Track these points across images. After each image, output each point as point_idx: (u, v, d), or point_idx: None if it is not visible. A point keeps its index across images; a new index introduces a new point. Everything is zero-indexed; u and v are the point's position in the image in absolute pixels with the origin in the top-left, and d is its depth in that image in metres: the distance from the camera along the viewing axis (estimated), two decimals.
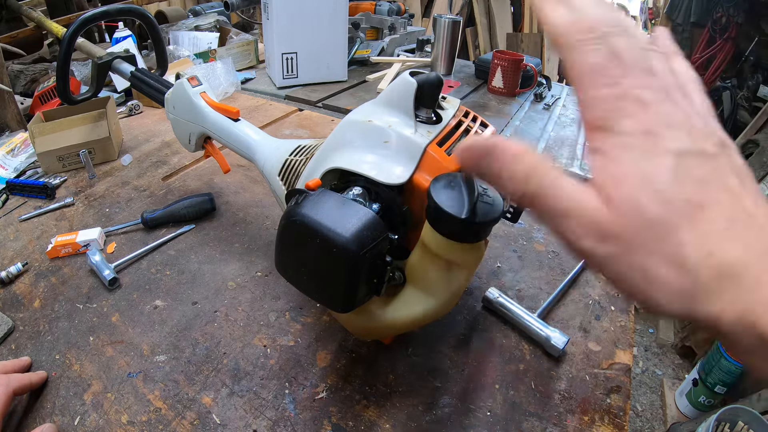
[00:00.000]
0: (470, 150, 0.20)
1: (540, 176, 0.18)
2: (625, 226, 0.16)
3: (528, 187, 0.18)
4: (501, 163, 0.19)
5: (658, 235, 0.16)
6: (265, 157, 0.53)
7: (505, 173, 0.19)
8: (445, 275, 0.36)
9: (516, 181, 0.19)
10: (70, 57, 0.70)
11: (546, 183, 0.18)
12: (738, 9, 2.16)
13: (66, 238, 0.60)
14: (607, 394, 0.44)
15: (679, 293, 0.16)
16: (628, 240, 0.16)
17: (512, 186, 0.19)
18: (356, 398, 0.43)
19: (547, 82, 1.31)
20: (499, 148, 0.19)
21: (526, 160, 0.19)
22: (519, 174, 0.19)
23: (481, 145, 0.20)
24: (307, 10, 1.12)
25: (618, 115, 0.17)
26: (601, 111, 0.18)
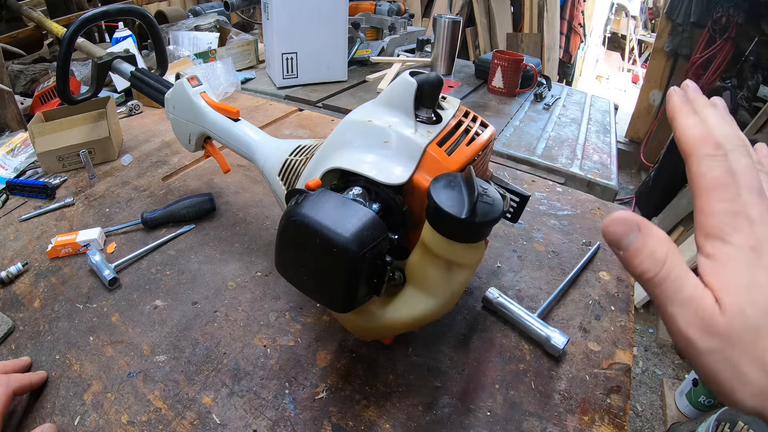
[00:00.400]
0: (623, 222, 0.22)
1: (675, 262, 0.21)
2: (730, 327, 0.19)
3: (663, 270, 0.21)
4: (647, 239, 0.21)
5: (753, 339, 0.19)
6: (265, 157, 0.53)
7: (647, 250, 0.21)
8: (445, 275, 0.36)
9: (655, 261, 0.21)
10: (70, 57, 0.70)
11: (677, 270, 0.21)
12: (738, 9, 2.16)
13: (66, 238, 0.60)
14: (607, 394, 0.44)
15: (759, 393, 0.19)
16: (729, 339, 0.19)
17: (649, 263, 0.21)
18: (356, 398, 0.43)
19: (547, 82, 1.31)
20: (647, 226, 0.22)
21: (668, 244, 0.21)
22: (659, 254, 0.21)
23: (633, 218, 0.22)
24: (307, 10, 1.12)
25: (731, 230, 0.20)
26: (717, 222, 0.21)
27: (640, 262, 0.21)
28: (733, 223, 0.20)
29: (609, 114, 1.25)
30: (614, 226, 0.22)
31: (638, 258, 0.21)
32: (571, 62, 3.56)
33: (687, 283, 0.20)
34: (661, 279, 0.21)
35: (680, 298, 0.20)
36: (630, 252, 0.21)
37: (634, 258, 0.21)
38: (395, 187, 0.36)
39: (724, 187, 0.21)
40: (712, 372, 0.20)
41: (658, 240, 0.21)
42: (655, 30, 4.37)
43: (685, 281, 0.21)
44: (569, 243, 0.65)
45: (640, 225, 0.22)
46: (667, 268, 0.21)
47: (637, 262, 0.21)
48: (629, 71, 4.86)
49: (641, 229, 0.21)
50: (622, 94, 4.39)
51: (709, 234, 0.21)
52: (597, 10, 4.20)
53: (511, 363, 0.47)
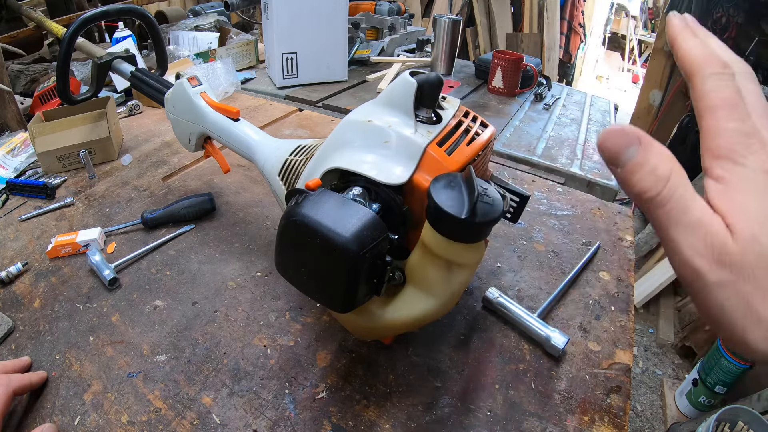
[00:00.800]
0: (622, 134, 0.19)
1: (679, 181, 0.19)
2: (744, 257, 0.17)
3: (666, 188, 0.18)
4: (647, 154, 0.19)
5: None
6: (265, 157, 0.53)
7: (648, 166, 0.19)
8: (445, 275, 0.36)
9: (657, 178, 0.18)
10: (70, 57, 0.70)
11: (682, 190, 0.18)
12: (738, 9, 2.16)
13: (66, 238, 0.60)
14: (607, 394, 0.44)
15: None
16: (742, 270, 0.17)
17: (651, 181, 0.19)
18: (356, 398, 0.43)
19: (547, 82, 1.31)
20: (648, 140, 0.19)
21: (672, 161, 0.19)
22: (662, 171, 0.19)
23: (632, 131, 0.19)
24: (307, 10, 1.12)
25: (744, 150, 0.18)
26: (727, 142, 0.19)
27: (640, 179, 0.19)
28: (745, 143, 0.18)
29: (609, 114, 1.25)
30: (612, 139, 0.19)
31: (638, 174, 0.19)
32: (571, 62, 3.56)
33: (694, 205, 0.18)
34: (664, 199, 0.18)
35: (686, 222, 0.18)
36: (629, 168, 0.19)
37: (633, 174, 0.19)
38: (395, 187, 0.36)
39: (733, 107, 0.19)
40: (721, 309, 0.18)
41: (661, 155, 0.19)
42: (655, 30, 4.37)
43: (691, 203, 0.18)
44: (569, 243, 0.65)
45: (641, 138, 0.19)
46: (671, 186, 0.18)
47: (636, 179, 0.19)
48: (629, 71, 4.87)
49: (642, 142, 0.19)
50: (622, 94, 4.40)
51: (719, 155, 0.19)
52: (597, 10, 4.20)
53: (511, 363, 0.47)
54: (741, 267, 0.17)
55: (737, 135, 0.19)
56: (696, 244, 0.18)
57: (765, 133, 0.19)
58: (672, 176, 0.19)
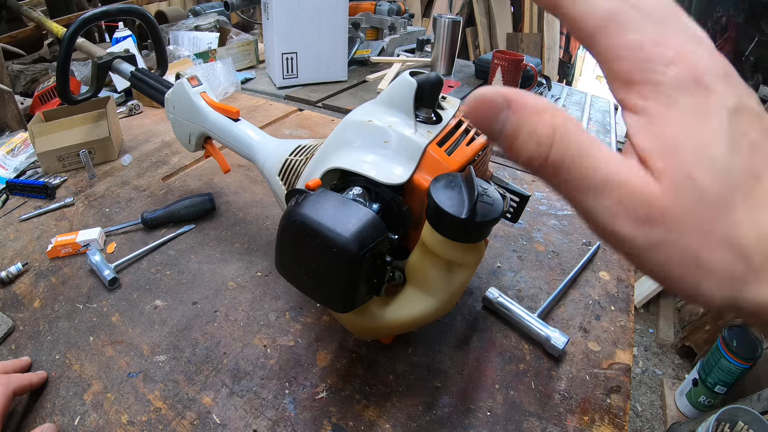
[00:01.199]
0: (484, 100, 0.16)
1: (567, 138, 0.15)
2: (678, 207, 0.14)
3: (552, 151, 0.15)
4: (520, 117, 0.15)
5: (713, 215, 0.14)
6: (265, 157, 0.53)
7: (524, 132, 0.15)
8: (445, 275, 0.36)
9: (538, 143, 0.15)
10: (70, 57, 0.70)
11: (574, 147, 0.15)
12: (738, 9, 2.16)
13: (66, 238, 0.60)
14: (607, 394, 0.44)
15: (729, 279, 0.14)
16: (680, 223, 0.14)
17: (532, 149, 0.15)
18: (356, 398, 0.43)
19: (547, 82, 1.31)
20: (518, 102, 0.15)
21: (551, 117, 0.15)
22: (542, 133, 0.15)
23: (498, 94, 0.16)
24: (307, 10, 1.12)
25: (659, 62, 0.14)
26: (635, 60, 0.15)
27: (520, 148, 0.15)
28: (659, 54, 0.14)
29: (609, 114, 1.25)
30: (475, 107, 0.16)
31: (517, 143, 0.15)
32: (571, 62, 3.56)
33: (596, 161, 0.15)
34: (555, 164, 0.15)
35: (591, 184, 0.15)
36: (504, 138, 0.16)
37: (511, 145, 0.16)
38: (395, 187, 0.36)
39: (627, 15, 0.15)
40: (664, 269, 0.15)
41: (537, 114, 0.15)
42: None
43: (591, 159, 0.15)
44: (569, 243, 0.65)
45: (510, 101, 0.15)
46: (559, 147, 0.15)
47: (516, 150, 0.15)
48: None
49: (511, 105, 0.15)
50: None
51: (630, 80, 0.15)
52: None
53: (511, 363, 0.47)
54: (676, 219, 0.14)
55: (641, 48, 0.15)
56: (610, 206, 0.14)
57: (674, 39, 0.14)
58: (556, 136, 0.15)
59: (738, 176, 0.14)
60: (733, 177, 0.14)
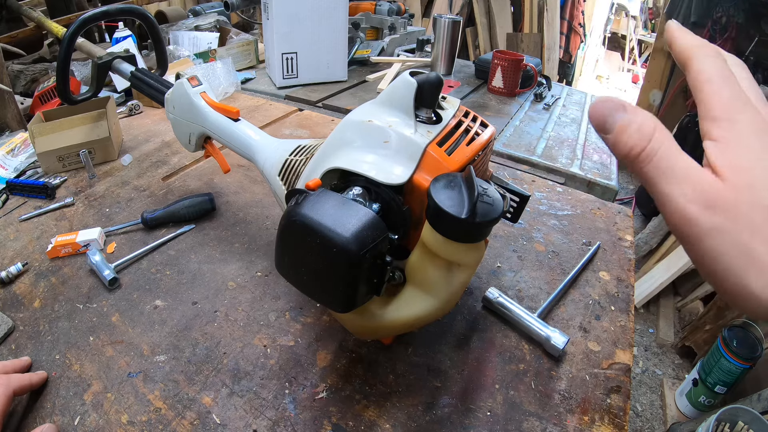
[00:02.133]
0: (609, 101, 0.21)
1: (664, 136, 0.20)
2: (737, 202, 0.17)
3: (651, 143, 0.20)
4: (632, 116, 0.20)
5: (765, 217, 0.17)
6: (265, 157, 0.53)
7: (634, 124, 0.20)
8: (445, 275, 0.36)
9: (642, 134, 0.20)
10: (70, 57, 0.70)
11: (668, 144, 0.20)
12: (738, 9, 2.16)
13: (66, 238, 0.60)
14: (607, 394, 0.44)
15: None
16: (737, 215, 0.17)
17: (636, 138, 0.20)
18: (356, 398, 0.43)
19: (547, 82, 1.31)
20: (631, 107, 0.21)
21: (655, 120, 0.20)
22: (647, 128, 0.20)
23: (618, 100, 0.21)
24: (307, 10, 1.12)
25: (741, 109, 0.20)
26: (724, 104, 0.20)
27: (628, 138, 0.20)
28: (741, 106, 0.20)
29: None
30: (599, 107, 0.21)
31: (625, 134, 0.20)
32: (571, 62, 3.56)
33: (680, 158, 0.19)
34: (650, 152, 0.20)
35: (675, 173, 0.19)
36: (617, 130, 0.21)
37: (620, 135, 0.20)
38: (395, 187, 0.36)
39: (727, 78, 0.21)
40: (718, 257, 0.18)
41: (644, 116, 0.21)
42: (655, 30, 4.37)
43: (678, 157, 0.20)
44: (569, 243, 0.65)
45: (626, 105, 0.21)
46: (657, 141, 0.20)
47: (624, 139, 0.20)
48: (629, 71, 4.86)
49: (627, 109, 0.21)
50: (622, 94, 4.39)
51: (715, 117, 0.20)
52: (597, 10, 4.19)
53: (511, 363, 0.47)
54: (736, 212, 0.17)
55: (733, 99, 0.20)
56: (687, 192, 0.18)
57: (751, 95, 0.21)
58: (656, 133, 0.20)
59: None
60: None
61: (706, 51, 0.22)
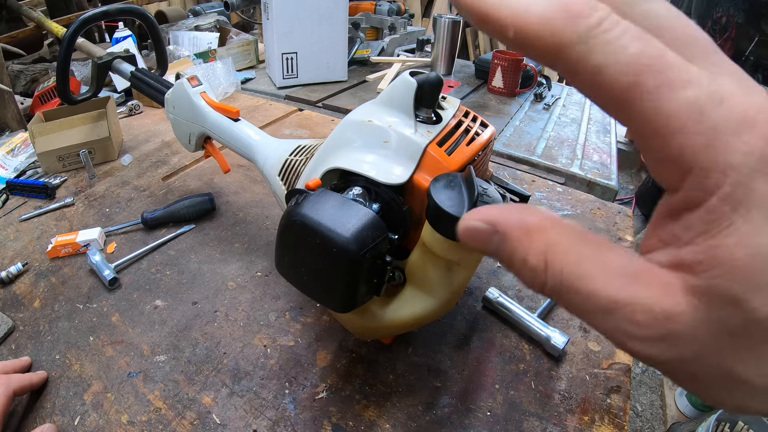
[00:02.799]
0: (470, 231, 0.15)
1: (563, 260, 0.13)
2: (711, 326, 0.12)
3: (548, 278, 0.13)
4: (509, 244, 0.14)
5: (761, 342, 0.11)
6: (265, 157, 0.53)
7: (517, 260, 0.14)
8: (445, 275, 0.36)
9: (532, 271, 0.14)
10: (70, 57, 0.70)
11: (572, 269, 0.13)
12: (738, 9, 2.16)
13: (66, 238, 0.60)
14: (607, 394, 0.44)
15: None
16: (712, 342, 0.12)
17: (528, 276, 0.14)
18: (356, 398, 0.43)
19: (547, 82, 1.31)
20: (504, 224, 0.14)
21: (541, 236, 0.14)
22: (533, 261, 0.14)
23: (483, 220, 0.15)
24: (307, 10, 1.12)
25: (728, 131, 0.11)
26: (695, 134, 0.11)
27: (518, 275, 0.14)
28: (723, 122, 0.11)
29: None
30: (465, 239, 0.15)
31: (514, 270, 0.14)
32: None
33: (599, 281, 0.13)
34: (554, 290, 0.13)
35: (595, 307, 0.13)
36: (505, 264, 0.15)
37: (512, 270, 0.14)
38: (395, 187, 0.36)
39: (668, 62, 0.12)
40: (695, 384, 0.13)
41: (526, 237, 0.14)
42: None
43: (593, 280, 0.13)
44: None
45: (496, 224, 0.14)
46: (553, 273, 0.13)
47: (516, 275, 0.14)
48: None
49: (498, 230, 0.14)
50: None
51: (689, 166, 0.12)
52: None
53: (511, 363, 0.47)
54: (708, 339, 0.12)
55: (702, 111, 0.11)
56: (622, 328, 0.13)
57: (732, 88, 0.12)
58: (548, 255, 0.13)
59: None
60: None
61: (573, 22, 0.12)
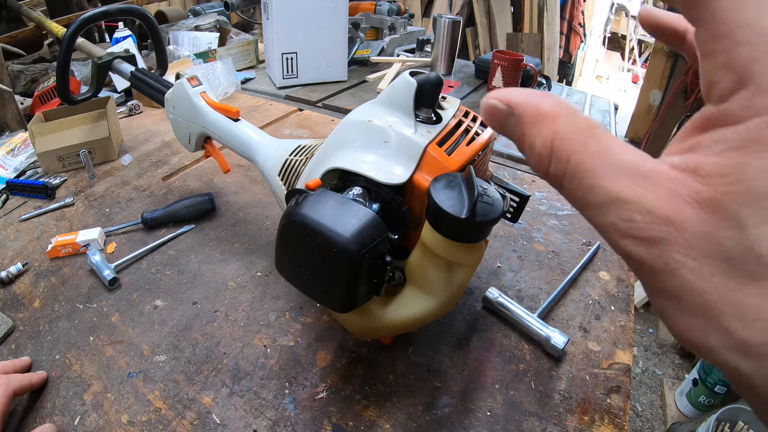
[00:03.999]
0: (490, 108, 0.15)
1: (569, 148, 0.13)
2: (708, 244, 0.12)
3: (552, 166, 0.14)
4: (520, 128, 0.15)
5: None
6: (265, 157, 0.53)
7: (526, 144, 0.14)
8: (445, 275, 0.36)
9: (538, 156, 0.14)
10: (70, 57, 0.70)
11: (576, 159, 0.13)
12: None
13: (66, 238, 0.60)
14: (607, 394, 0.44)
15: None
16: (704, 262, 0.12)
17: (534, 161, 0.14)
18: (356, 398, 0.43)
19: (547, 82, 1.31)
20: (519, 107, 0.15)
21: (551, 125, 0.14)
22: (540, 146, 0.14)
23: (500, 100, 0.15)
24: (307, 10, 1.12)
25: None
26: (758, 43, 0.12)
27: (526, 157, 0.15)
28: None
29: (609, 114, 1.25)
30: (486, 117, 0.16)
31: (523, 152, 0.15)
32: (571, 62, 3.56)
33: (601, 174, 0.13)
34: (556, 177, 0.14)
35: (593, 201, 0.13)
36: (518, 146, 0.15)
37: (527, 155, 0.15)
38: (395, 187, 0.36)
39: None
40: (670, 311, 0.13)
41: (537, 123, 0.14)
42: None
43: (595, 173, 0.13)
44: (569, 243, 0.65)
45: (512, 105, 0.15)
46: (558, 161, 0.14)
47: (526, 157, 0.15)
48: (629, 71, 4.86)
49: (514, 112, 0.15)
50: (622, 94, 4.39)
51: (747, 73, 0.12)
52: (597, 10, 4.19)
53: (511, 363, 0.47)
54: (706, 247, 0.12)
55: None
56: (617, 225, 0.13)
57: None
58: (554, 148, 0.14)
59: None
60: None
61: None
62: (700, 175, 0.12)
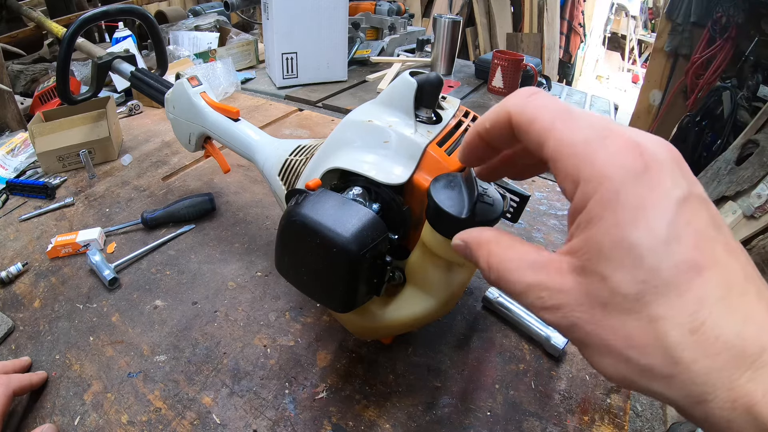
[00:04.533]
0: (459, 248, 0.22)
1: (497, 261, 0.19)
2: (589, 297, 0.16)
3: (491, 275, 0.19)
4: (474, 255, 0.21)
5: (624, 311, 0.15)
6: (265, 157, 0.53)
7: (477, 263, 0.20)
8: (445, 275, 0.36)
9: (486, 271, 0.20)
10: (70, 57, 0.70)
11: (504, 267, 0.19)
12: (738, 9, 2.15)
13: (66, 238, 0.60)
14: (607, 394, 0.44)
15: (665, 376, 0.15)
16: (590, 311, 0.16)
17: (484, 274, 0.20)
18: (356, 398, 0.43)
19: (547, 82, 1.31)
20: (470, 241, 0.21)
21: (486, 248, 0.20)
22: (482, 265, 0.20)
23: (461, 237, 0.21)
24: (307, 10, 1.12)
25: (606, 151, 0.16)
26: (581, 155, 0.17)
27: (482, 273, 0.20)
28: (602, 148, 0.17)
29: (609, 114, 1.25)
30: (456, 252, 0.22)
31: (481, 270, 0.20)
32: (571, 62, 3.56)
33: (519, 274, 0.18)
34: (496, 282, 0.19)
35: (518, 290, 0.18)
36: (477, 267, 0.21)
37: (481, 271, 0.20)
38: (395, 187, 0.36)
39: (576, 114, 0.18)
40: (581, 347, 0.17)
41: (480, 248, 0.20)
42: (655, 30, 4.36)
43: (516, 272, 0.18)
44: None
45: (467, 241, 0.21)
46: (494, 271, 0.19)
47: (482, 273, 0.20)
48: (629, 71, 4.86)
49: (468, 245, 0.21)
50: (622, 94, 4.39)
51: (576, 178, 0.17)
52: (597, 10, 4.20)
53: (511, 363, 0.47)
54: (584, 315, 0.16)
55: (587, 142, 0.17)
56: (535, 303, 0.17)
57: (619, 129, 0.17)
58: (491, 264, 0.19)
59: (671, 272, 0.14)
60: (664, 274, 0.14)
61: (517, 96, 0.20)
62: (572, 253, 0.17)
